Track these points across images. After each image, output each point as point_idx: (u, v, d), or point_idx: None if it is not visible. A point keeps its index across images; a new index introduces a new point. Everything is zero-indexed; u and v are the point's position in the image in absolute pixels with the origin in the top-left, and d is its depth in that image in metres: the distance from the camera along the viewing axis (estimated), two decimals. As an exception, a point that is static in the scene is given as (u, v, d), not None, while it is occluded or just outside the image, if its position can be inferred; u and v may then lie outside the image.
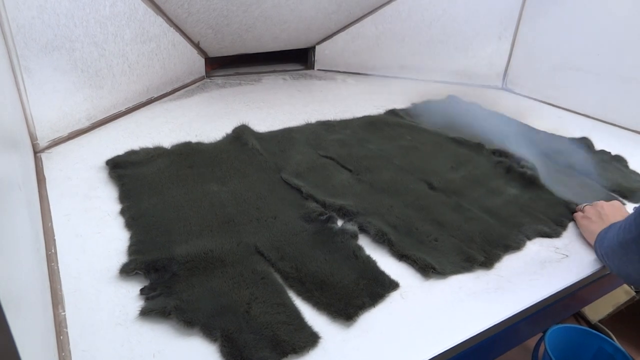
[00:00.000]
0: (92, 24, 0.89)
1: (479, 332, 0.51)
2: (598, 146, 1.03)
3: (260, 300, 0.51)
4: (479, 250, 0.62)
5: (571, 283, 0.60)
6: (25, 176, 0.61)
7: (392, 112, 1.15)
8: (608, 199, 0.80)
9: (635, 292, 1.31)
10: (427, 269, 0.57)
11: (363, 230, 0.65)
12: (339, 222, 0.67)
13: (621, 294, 1.31)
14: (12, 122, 0.61)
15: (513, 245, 0.64)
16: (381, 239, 0.62)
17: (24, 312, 0.31)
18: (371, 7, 1.44)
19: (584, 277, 0.61)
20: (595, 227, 0.67)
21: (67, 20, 0.83)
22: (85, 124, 0.93)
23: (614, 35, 1.16)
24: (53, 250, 0.59)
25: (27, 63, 0.77)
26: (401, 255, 0.60)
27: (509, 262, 0.62)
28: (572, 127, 1.15)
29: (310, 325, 0.49)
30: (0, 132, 0.48)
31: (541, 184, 0.80)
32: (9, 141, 0.52)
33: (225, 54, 1.39)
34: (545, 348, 0.95)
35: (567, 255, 0.65)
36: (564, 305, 0.63)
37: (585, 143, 1.03)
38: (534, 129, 1.12)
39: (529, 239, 0.67)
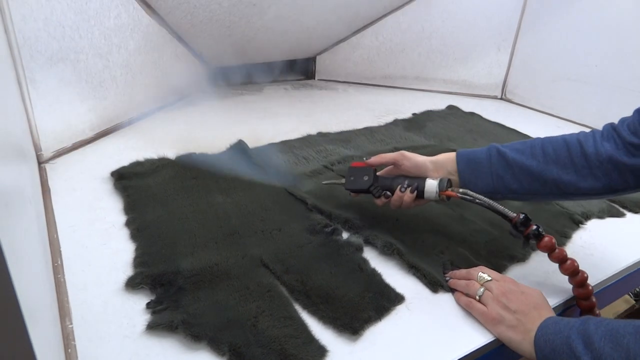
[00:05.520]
0: (96, 35, 0.90)
1: (484, 343, 0.51)
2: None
3: (267, 313, 0.51)
4: (485, 262, 0.62)
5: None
6: (32, 187, 0.61)
7: (393, 123, 1.16)
8: (609, 209, 0.81)
9: (635, 300, 1.32)
10: (436, 286, 0.58)
11: (369, 243, 0.65)
12: (344, 235, 0.67)
13: (621, 303, 1.31)
14: (20, 134, 0.62)
15: (519, 256, 0.65)
16: (389, 250, 0.63)
17: (39, 326, 0.32)
18: (371, 18, 1.46)
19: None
20: (515, 336, 0.49)
21: (72, 32, 0.84)
22: (89, 134, 0.94)
23: (612, 46, 1.18)
24: (59, 262, 0.59)
25: (33, 74, 0.78)
26: (411, 266, 0.61)
27: (514, 273, 0.63)
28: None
29: (317, 338, 0.49)
30: (11, 144, 0.48)
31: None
32: (19, 153, 0.52)
33: (227, 65, 1.40)
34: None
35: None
36: (567, 316, 0.64)
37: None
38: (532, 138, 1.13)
39: (534, 250, 0.67)
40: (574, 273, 0.56)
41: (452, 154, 0.64)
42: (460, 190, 0.60)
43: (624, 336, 0.41)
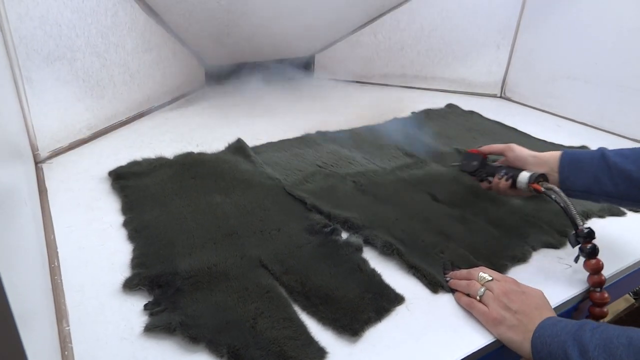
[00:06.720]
0: (93, 34, 0.89)
1: (485, 344, 0.51)
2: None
3: (266, 315, 0.51)
4: (486, 262, 0.62)
5: (575, 294, 0.60)
6: (29, 188, 0.60)
7: (392, 122, 1.16)
8: (609, 208, 0.81)
9: (635, 299, 1.32)
10: (436, 286, 0.58)
11: (368, 243, 0.65)
12: (344, 235, 0.66)
13: (621, 302, 1.31)
14: (16, 134, 0.61)
15: (519, 256, 0.65)
16: (389, 250, 0.62)
17: (35, 329, 0.31)
18: (371, 17, 1.45)
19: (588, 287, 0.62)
20: (515, 337, 0.49)
21: (69, 30, 0.83)
22: (87, 133, 0.93)
23: (611, 44, 1.18)
24: (56, 263, 0.58)
25: (29, 73, 0.77)
26: (411, 266, 0.60)
27: (514, 273, 0.62)
28: (570, 135, 1.16)
29: (317, 340, 0.48)
30: (7, 144, 0.48)
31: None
32: (15, 153, 0.51)
33: (226, 63, 1.40)
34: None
35: (570, 266, 0.65)
36: (567, 316, 0.63)
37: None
38: (532, 137, 1.13)
39: (535, 249, 0.67)
40: (602, 304, 0.58)
41: (558, 152, 0.65)
42: (546, 185, 0.62)
43: (618, 347, 0.41)
